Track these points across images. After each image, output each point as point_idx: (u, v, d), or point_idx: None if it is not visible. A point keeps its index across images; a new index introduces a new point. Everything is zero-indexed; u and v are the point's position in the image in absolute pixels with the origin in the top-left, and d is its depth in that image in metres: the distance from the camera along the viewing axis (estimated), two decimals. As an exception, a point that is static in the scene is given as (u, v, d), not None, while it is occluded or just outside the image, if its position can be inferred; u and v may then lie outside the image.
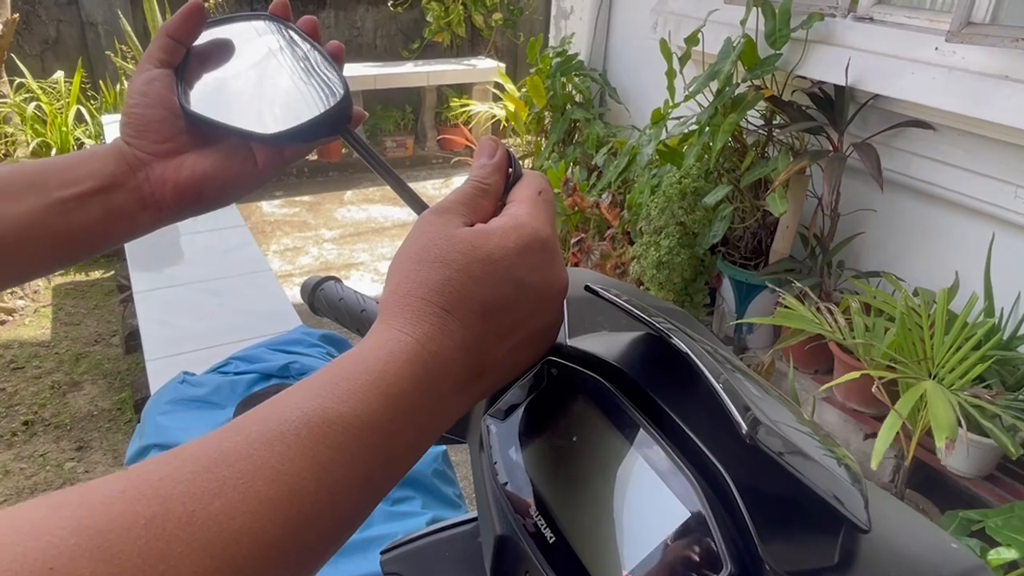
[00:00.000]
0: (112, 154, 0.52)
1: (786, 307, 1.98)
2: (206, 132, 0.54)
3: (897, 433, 1.75)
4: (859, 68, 1.98)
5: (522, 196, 0.43)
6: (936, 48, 1.81)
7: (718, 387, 0.39)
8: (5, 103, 3.53)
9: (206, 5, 3.60)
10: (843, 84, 2.02)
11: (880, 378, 1.59)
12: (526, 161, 3.45)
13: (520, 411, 0.51)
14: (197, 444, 0.29)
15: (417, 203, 0.49)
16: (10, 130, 3.59)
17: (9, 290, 3.20)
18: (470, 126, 4.67)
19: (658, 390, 0.46)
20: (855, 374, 1.61)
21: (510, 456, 0.50)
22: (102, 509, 0.25)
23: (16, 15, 3.90)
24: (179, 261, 2.42)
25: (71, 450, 2.37)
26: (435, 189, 4.48)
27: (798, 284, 2.04)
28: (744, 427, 0.37)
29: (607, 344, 0.51)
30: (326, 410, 0.31)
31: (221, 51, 0.57)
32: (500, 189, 0.44)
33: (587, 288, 0.48)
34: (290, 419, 0.30)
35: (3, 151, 3.71)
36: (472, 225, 0.40)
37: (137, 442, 1.34)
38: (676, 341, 0.42)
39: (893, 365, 1.81)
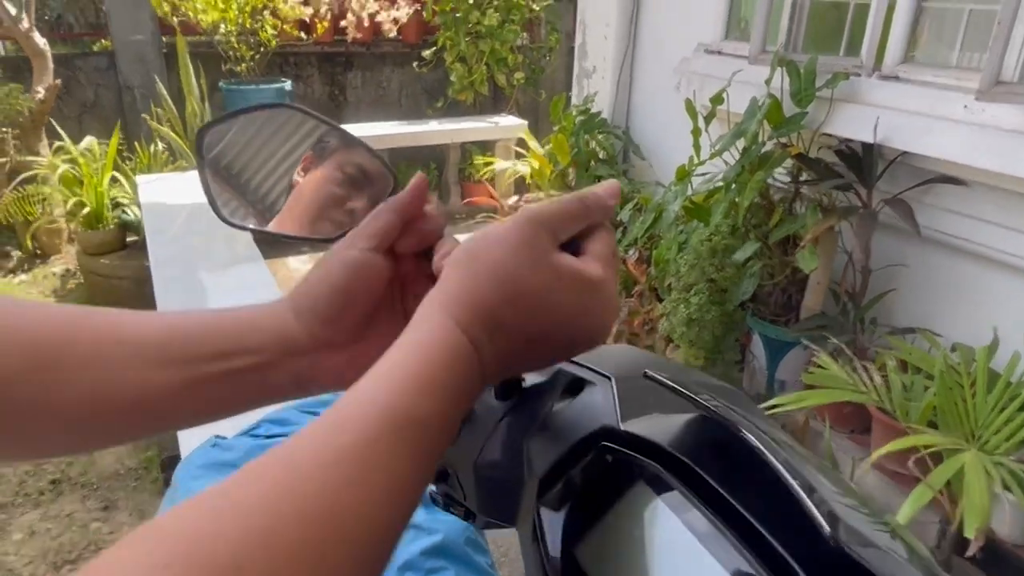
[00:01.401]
0: (274, 330, 0.46)
1: (819, 366, 1.95)
2: (387, 310, 0.50)
3: (941, 498, 1.68)
4: (887, 126, 1.99)
5: (604, 255, 0.44)
6: (965, 106, 1.81)
7: (795, 486, 0.38)
8: (43, 165, 3.64)
9: (239, 68, 3.70)
10: (871, 142, 2.02)
11: (924, 447, 1.53)
12: (550, 217, 3.47)
13: (575, 500, 0.50)
14: (311, 444, 0.32)
15: None
16: (48, 190, 3.69)
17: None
18: (493, 182, 4.73)
19: (723, 481, 0.44)
20: (899, 443, 1.56)
21: (567, 548, 0.48)
22: (262, 510, 0.28)
23: (58, 81, 4.06)
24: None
25: (97, 510, 2.36)
26: (459, 244, 4.52)
27: (833, 340, 2.00)
28: (827, 529, 0.36)
29: (663, 428, 0.50)
30: (412, 407, 0.34)
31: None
32: (589, 224, 0.45)
33: (646, 376, 0.47)
34: (385, 417, 0.33)
35: (40, 210, 3.81)
36: (558, 245, 0.42)
37: (169, 507, 1.33)
38: (748, 436, 0.41)
39: (934, 423, 1.76)
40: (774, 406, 1.92)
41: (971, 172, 1.87)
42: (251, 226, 0.51)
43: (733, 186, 2.25)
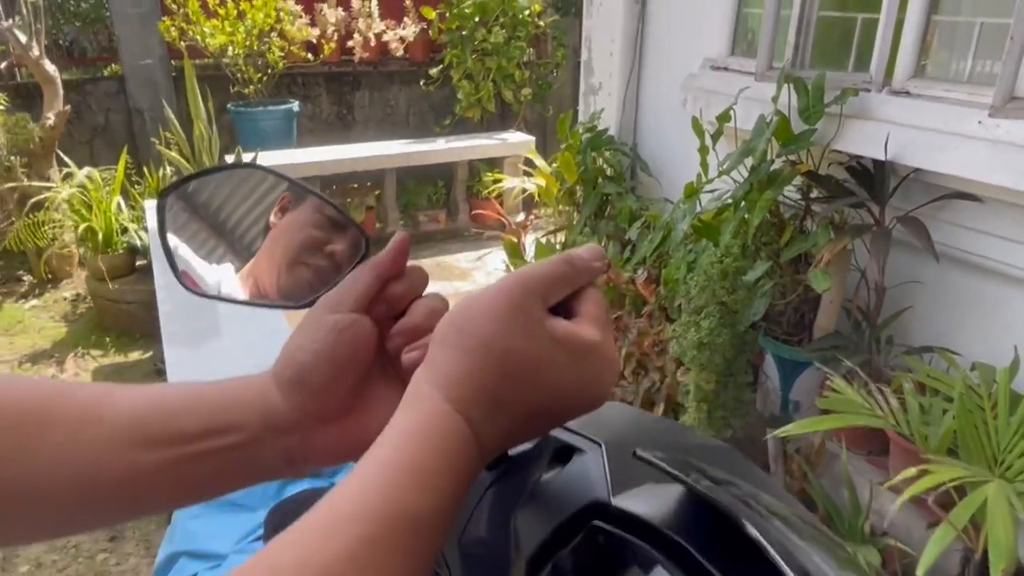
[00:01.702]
0: (258, 405, 0.43)
1: (834, 390, 1.90)
2: (377, 376, 0.46)
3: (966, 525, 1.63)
4: (898, 142, 1.94)
5: (597, 316, 0.41)
6: (979, 122, 1.77)
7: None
8: (53, 191, 3.66)
9: (247, 91, 3.70)
10: (882, 158, 1.98)
11: (950, 480, 1.48)
12: (559, 235, 3.45)
13: (565, 585, 0.46)
14: (298, 547, 0.30)
15: None
16: (58, 216, 3.71)
17: (51, 374, 3.25)
18: (501, 200, 4.71)
19: (719, 567, 0.41)
20: (921, 484, 1.51)
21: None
22: None
23: (68, 107, 4.09)
24: (217, 348, 2.42)
25: (104, 540, 2.35)
26: (468, 262, 4.50)
27: (847, 363, 1.96)
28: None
29: (656, 504, 0.47)
30: (411, 504, 0.32)
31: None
32: (579, 287, 0.43)
33: (636, 456, 0.44)
34: (384, 518, 0.31)
35: (51, 235, 3.83)
36: (548, 309, 0.39)
37: (167, 547, 1.30)
38: (745, 523, 0.38)
39: (955, 447, 1.70)
40: (788, 430, 1.88)
41: (986, 189, 1.83)
42: (221, 295, 0.49)
43: (742, 204, 2.21)
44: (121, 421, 0.40)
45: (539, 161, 3.48)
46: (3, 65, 4.58)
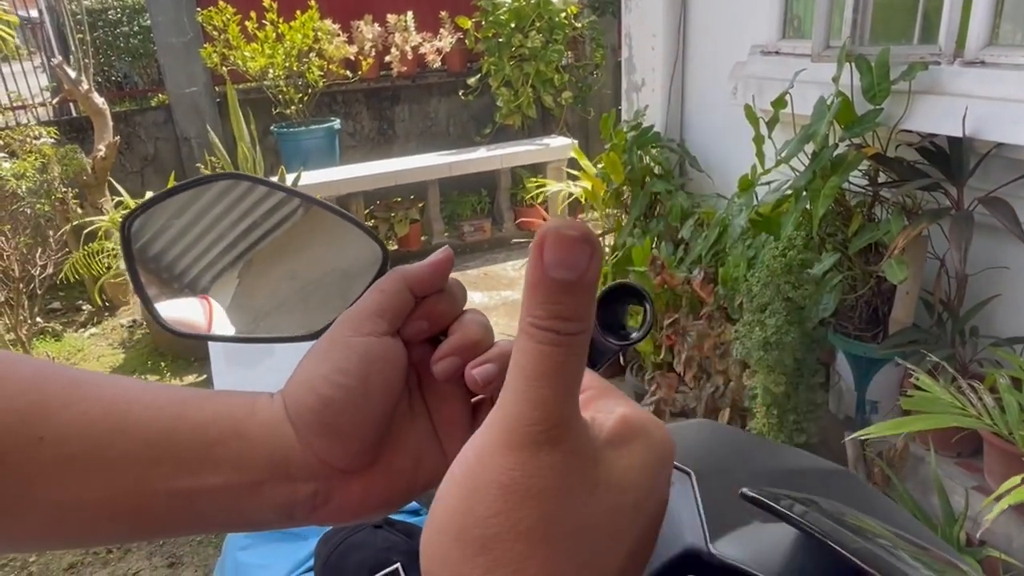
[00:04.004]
0: (267, 446, 0.34)
1: (918, 387, 1.75)
2: (402, 415, 0.37)
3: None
4: (976, 116, 1.79)
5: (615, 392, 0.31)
6: (1070, 87, 1.61)
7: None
8: (107, 220, 3.73)
9: (288, 111, 3.69)
10: (958, 135, 1.82)
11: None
12: (608, 238, 3.34)
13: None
14: None
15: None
16: (111, 245, 3.77)
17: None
18: (545, 205, 4.63)
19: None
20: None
21: None
22: None
23: (117, 138, 4.18)
24: (271, 365, 2.39)
25: (163, 567, 2.33)
26: (515, 271, 4.42)
27: (931, 357, 1.80)
28: None
29: (766, 550, 0.37)
30: None
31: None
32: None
33: (744, 496, 0.35)
34: None
35: (106, 264, 3.90)
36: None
37: (219, 577, 1.26)
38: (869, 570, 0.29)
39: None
40: (872, 432, 1.73)
41: (1081, 160, 1.66)
42: (215, 332, 0.41)
43: (804, 194, 2.08)
44: (63, 441, 0.31)
45: (584, 161, 3.39)
46: (55, 100, 4.72)
